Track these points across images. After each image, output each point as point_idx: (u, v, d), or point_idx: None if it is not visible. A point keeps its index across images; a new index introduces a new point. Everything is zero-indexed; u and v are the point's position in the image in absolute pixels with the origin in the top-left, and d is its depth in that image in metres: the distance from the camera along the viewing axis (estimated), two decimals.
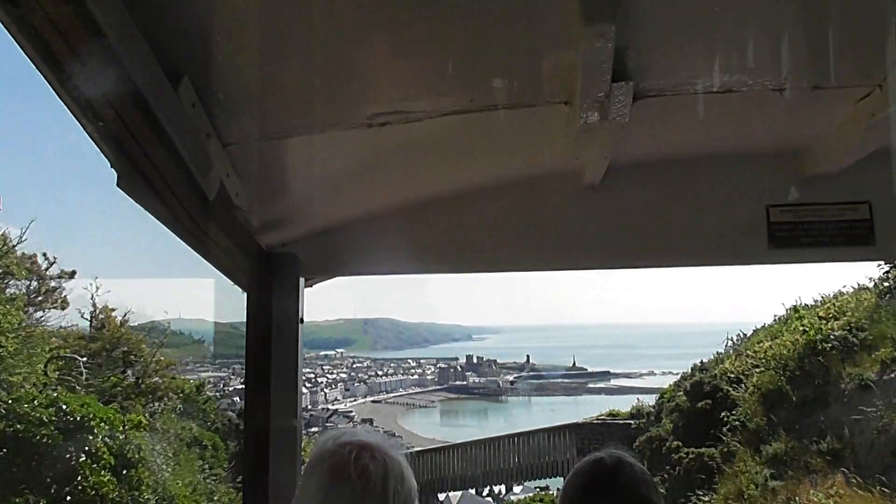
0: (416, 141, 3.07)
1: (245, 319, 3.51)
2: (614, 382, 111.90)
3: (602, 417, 26.32)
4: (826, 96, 2.97)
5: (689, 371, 22.91)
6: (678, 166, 3.76)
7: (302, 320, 3.60)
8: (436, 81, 2.67)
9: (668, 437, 20.79)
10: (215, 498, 17.25)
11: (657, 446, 20.94)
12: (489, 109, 2.78)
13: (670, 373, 24.11)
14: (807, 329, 18.25)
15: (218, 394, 26.69)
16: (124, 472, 13.35)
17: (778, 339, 19.88)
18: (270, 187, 3.27)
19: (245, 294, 3.51)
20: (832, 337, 17.41)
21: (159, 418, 17.75)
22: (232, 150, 2.70)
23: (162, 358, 20.24)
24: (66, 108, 2.05)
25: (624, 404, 27.18)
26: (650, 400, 25.09)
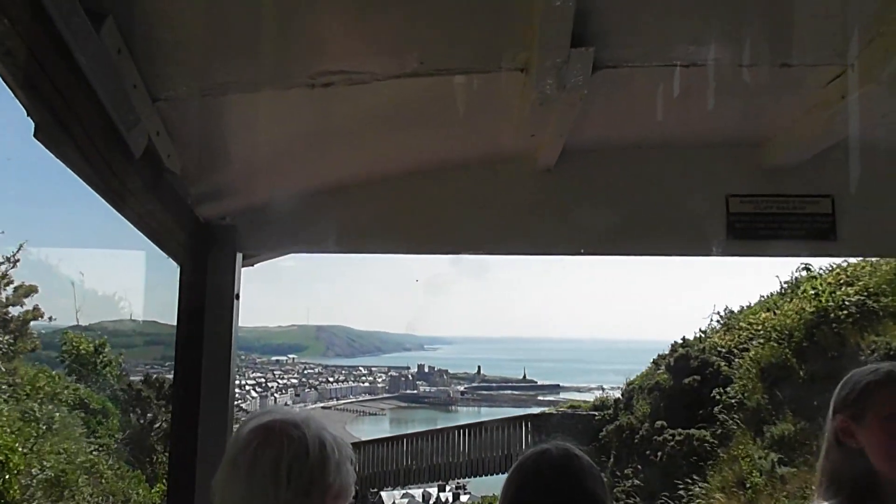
0: (365, 109, 2.93)
1: (178, 293, 3.34)
2: (564, 396, 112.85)
3: (562, 409, 24.76)
4: (793, 77, 2.89)
5: (670, 348, 20.64)
6: (636, 151, 3.67)
7: (237, 296, 3.43)
8: (383, 40, 2.52)
9: (639, 426, 19.00)
10: (96, 471, 15.09)
11: (627, 435, 19.28)
12: (441, 74, 2.64)
13: (619, 388, 23.60)
14: (819, 293, 16.07)
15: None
16: None
17: (778, 310, 17.73)
18: (208, 153, 3.09)
19: (178, 266, 3.33)
20: (847, 303, 15.19)
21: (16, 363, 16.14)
22: (163, 106, 2.52)
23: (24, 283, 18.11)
24: None
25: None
26: (616, 393, 23.37)
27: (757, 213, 3.64)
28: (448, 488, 40.21)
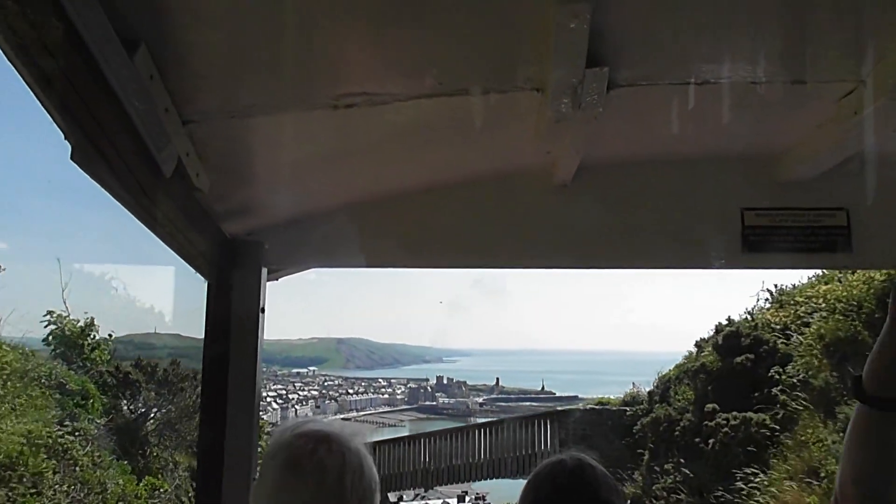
0: (386, 128, 3.00)
1: (205, 307, 3.44)
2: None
3: (589, 405, 22.91)
4: (806, 93, 2.92)
5: (714, 329, 18.96)
6: (651, 166, 3.71)
7: (263, 310, 3.52)
8: (404, 62, 2.60)
9: (679, 417, 17.43)
10: (69, 457, 13.54)
11: (665, 428, 17.61)
12: (459, 94, 2.71)
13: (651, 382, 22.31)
14: None
15: None
16: None
17: (841, 282, 16.00)
18: (235, 172, 3.18)
19: (206, 281, 3.42)
20: None
21: None
22: (192, 127, 2.61)
23: None
24: (20, 76, 1.97)
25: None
26: (648, 387, 21.87)
27: (772, 226, 3.67)
28: (468, 498, 39.87)
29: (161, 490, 15.76)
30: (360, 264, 3.80)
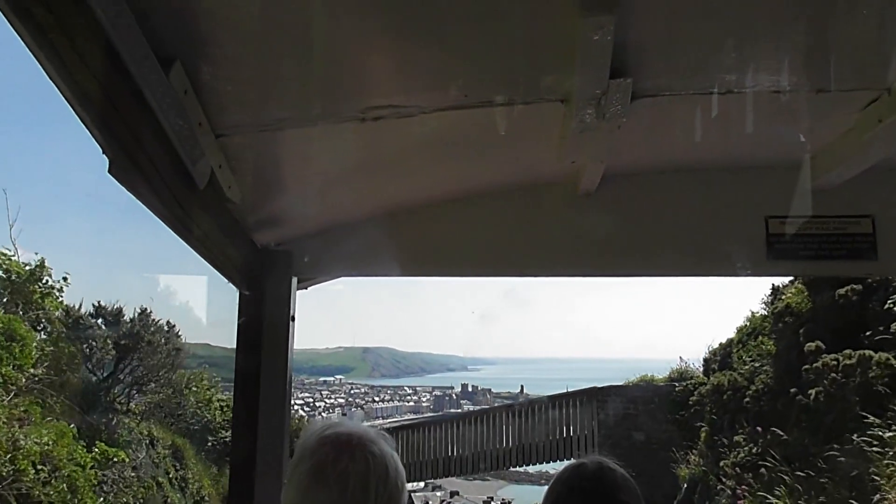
0: (412, 139, 3.05)
1: (237, 315, 3.52)
2: None
3: (632, 382, 21.20)
4: (830, 102, 2.94)
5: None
6: (676, 175, 3.74)
7: (293, 318, 3.58)
8: (429, 75, 2.65)
9: (747, 382, 15.08)
10: None
11: (731, 396, 15.43)
12: (484, 106, 2.75)
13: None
14: None
15: None
16: None
17: None
18: (265, 184, 3.25)
19: (237, 291, 3.50)
20: None
21: None
22: (224, 141, 2.68)
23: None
24: (59, 92, 2.03)
25: None
26: (696, 363, 20.21)
27: (797, 234, 3.68)
28: (494, 501, 39.53)
29: (117, 461, 13.70)
30: (388, 273, 3.86)
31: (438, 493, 32.98)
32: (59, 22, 1.73)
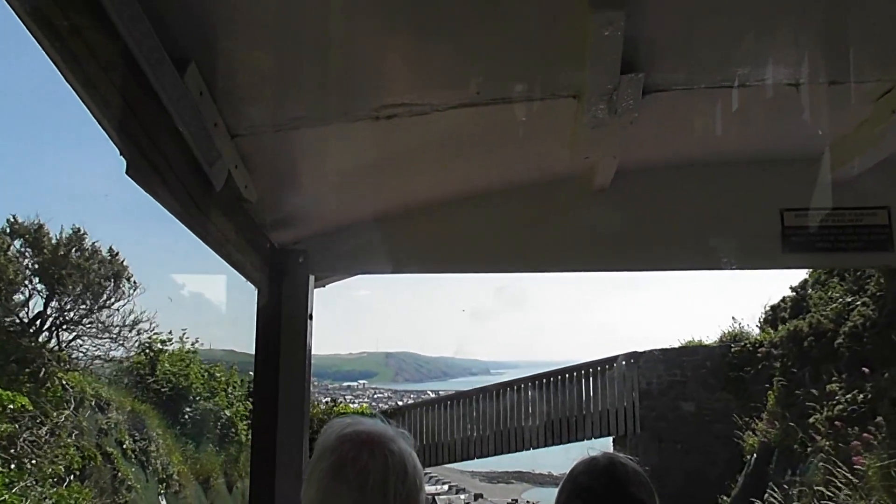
0: (426, 137, 3.08)
1: (255, 314, 3.56)
2: None
3: (676, 347, 18.82)
4: (843, 94, 2.93)
5: None
6: (690, 169, 3.74)
7: (311, 316, 3.62)
8: (442, 74, 2.67)
9: (833, 324, 13.10)
10: None
11: (812, 343, 13.32)
12: (497, 103, 2.77)
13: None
14: None
15: None
16: None
17: None
18: (281, 183, 3.28)
19: (256, 289, 3.54)
20: None
21: None
22: (240, 141, 2.71)
23: None
24: (77, 96, 2.07)
25: None
26: (752, 326, 18.22)
27: (812, 226, 3.66)
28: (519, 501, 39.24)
29: (15, 407, 10.85)
30: (403, 271, 3.88)
31: (462, 496, 32.76)
32: (75, 28, 1.76)
